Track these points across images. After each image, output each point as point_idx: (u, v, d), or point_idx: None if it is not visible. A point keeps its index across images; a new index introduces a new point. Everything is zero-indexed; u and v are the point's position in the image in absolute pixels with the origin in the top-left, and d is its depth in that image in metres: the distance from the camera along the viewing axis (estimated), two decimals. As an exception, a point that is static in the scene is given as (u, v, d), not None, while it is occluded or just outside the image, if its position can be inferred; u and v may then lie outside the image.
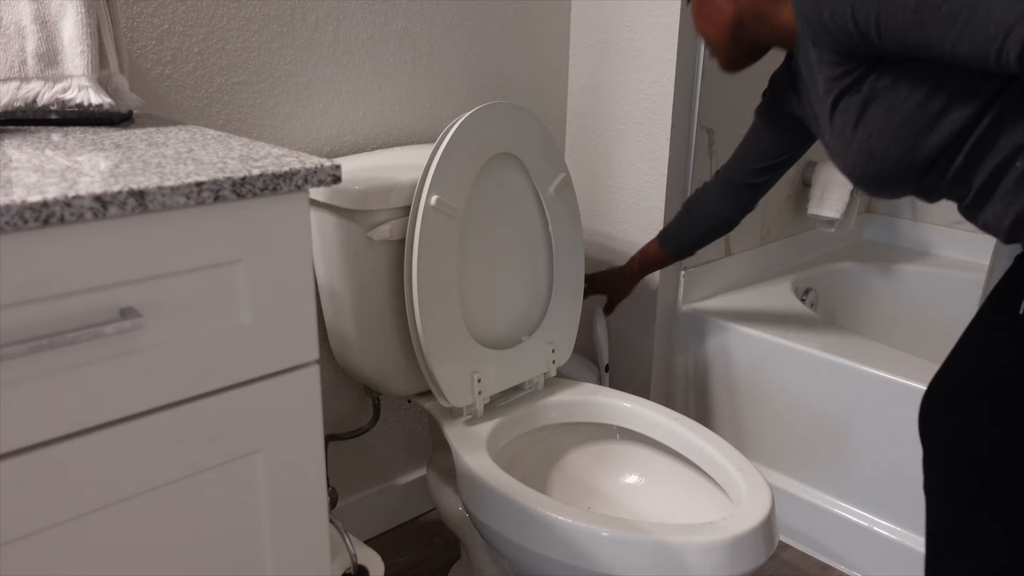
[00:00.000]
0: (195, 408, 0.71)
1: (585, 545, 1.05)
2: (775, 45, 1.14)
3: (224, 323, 0.72)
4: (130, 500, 0.70)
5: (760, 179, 1.34)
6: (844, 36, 0.94)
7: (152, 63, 1.15)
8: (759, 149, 1.32)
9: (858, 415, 1.49)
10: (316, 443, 0.81)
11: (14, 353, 0.59)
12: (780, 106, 1.26)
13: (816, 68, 1.04)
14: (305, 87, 1.32)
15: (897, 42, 0.90)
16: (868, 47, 0.94)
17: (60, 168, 0.68)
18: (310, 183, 0.73)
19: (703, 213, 1.41)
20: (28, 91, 0.86)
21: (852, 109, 1.01)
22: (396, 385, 1.32)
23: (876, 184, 1.05)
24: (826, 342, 1.56)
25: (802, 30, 1.02)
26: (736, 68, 1.18)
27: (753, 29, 1.12)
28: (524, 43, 1.63)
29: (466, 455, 1.20)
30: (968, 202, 1.01)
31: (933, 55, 0.89)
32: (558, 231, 1.38)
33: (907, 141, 0.97)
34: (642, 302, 1.70)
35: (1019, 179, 0.93)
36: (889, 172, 1.01)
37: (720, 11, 1.13)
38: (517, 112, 1.26)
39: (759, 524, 1.05)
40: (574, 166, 1.78)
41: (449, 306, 1.22)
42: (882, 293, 2.07)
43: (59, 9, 0.85)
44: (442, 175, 1.17)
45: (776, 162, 1.32)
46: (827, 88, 1.03)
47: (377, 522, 1.64)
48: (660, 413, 1.30)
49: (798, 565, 1.57)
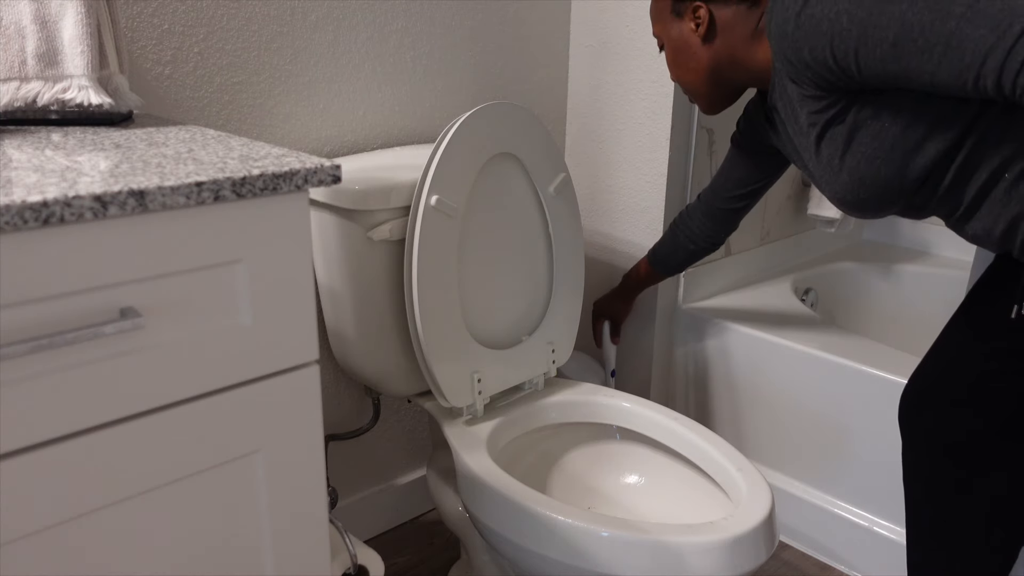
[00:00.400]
0: (195, 408, 0.71)
1: (585, 545, 1.05)
2: (752, 85, 1.16)
3: (224, 323, 0.72)
4: (130, 500, 0.70)
5: (739, 204, 1.39)
6: (825, 71, 0.96)
7: (152, 63, 1.15)
8: (736, 176, 1.37)
9: (858, 415, 1.49)
10: (316, 443, 0.81)
11: (14, 353, 0.59)
12: (756, 137, 1.28)
13: (797, 103, 1.05)
14: (305, 87, 1.32)
15: (877, 75, 0.92)
16: (849, 81, 0.95)
17: (60, 168, 0.68)
18: (310, 183, 0.73)
19: (688, 235, 1.46)
20: (28, 91, 0.86)
21: (838, 139, 1.03)
22: (396, 385, 1.32)
23: (866, 208, 1.07)
24: (826, 342, 1.56)
25: (781, 68, 1.03)
26: (717, 110, 1.21)
27: (729, 73, 1.14)
28: (524, 43, 1.63)
29: (466, 455, 1.20)
30: (959, 215, 1.02)
31: (913, 85, 0.90)
32: (558, 231, 1.38)
33: (896, 164, 0.99)
34: (642, 302, 1.70)
35: (1007, 190, 0.95)
36: (880, 195, 1.03)
37: (696, 58, 1.15)
38: (517, 112, 1.26)
39: (759, 524, 1.05)
40: (574, 166, 1.78)
41: (449, 306, 1.22)
42: (882, 293, 2.07)
43: (59, 9, 0.85)
44: (442, 175, 1.17)
45: (753, 188, 1.37)
46: (811, 121, 1.05)
47: (377, 522, 1.64)
48: (660, 413, 1.30)
49: (798, 565, 1.57)
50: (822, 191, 1.12)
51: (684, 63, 1.16)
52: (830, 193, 1.09)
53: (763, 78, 1.12)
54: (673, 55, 1.18)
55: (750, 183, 1.36)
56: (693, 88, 1.19)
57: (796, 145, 1.14)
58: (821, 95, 1.01)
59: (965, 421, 1.06)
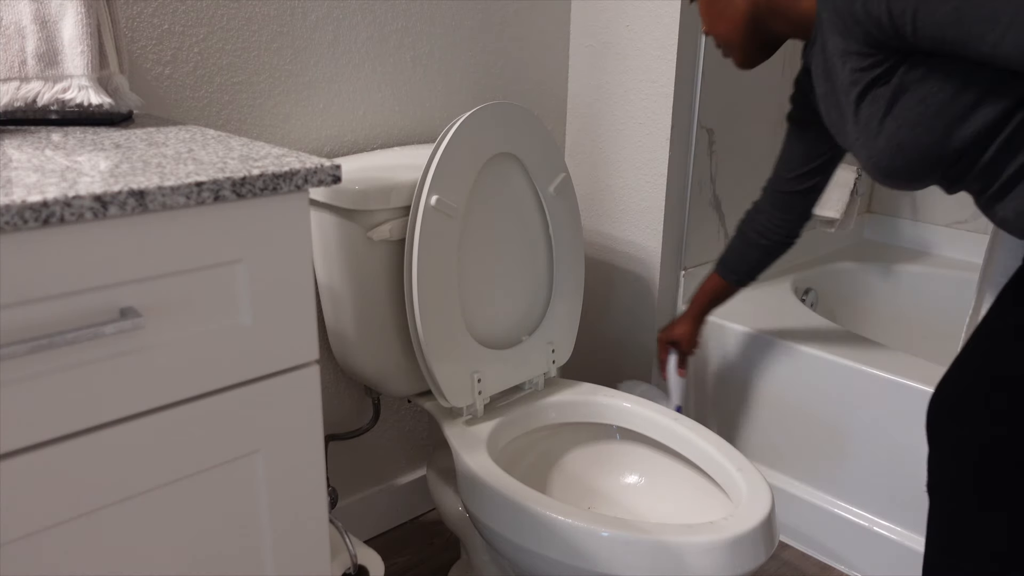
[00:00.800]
0: (195, 408, 0.71)
1: (585, 545, 1.05)
2: (792, 37, 1.09)
3: (224, 323, 0.72)
4: (130, 500, 0.70)
5: (808, 183, 1.29)
6: (876, 29, 0.92)
7: (152, 63, 1.15)
8: (799, 152, 1.28)
9: (858, 415, 1.48)
10: (316, 443, 0.81)
11: (14, 353, 0.59)
12: (809, 105, 1.22)
13: (840, 59, 1.00)
14: (305, 87, 1.32)
15: (932, 37, 0.88)
16: (900, 40, 0.91)
17: (60, 168, 0.68)
18: (310, 183, 0.73)
19: (760, 232, 1.35)
20: (28, 91, 0.86)
21: (881, 101, 0.98)
22: (396, 385, 1.32)
23: (901, 176, 1.02)
24: (826, 342, 1.55)
25: (829, 20, 0.99)
26: (753, 64, 1.15)
27: (768, 22, 1.08)
28: (524, 43, 1.63)
29: (466, 455, 1.20)
30: (991, 193, 0.98)
31: (968, 53, 0.87)
32: (558, 231, 1.38)
33: (938, 132, 0.95)
34: (642, 302, 1.70)
35: None
36: (917, 163, 0.98)
37: (733, 6, 1.09)
38: (517, 112, 1.26)
39: (759, 524, 1.05)
40: (574, 166, 1.78)
41: (449, 306, 1.22)
42: (882, 293, 2.07)
43: (59, 9, 0.85)
44: (442, 175, 1.17)
45: (820, 163, 1.27)
46: (853, 79, 1.00)
47: (377, 522, 1.64)
48: (660, 413, 1.30)
49: (798, 565, 1.57)
50: (855, 153, 1.06)
51: (720, 11, 1.10)
52: (864, 157, 1.03)
53: (805, 29, 1.05)
54: (707, 4, 1.11)
55: (815, 157, 1.26)
56: (728, 39, 1.12)
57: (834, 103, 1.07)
58: (868, 52, 0.96)
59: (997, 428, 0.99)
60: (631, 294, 1.72)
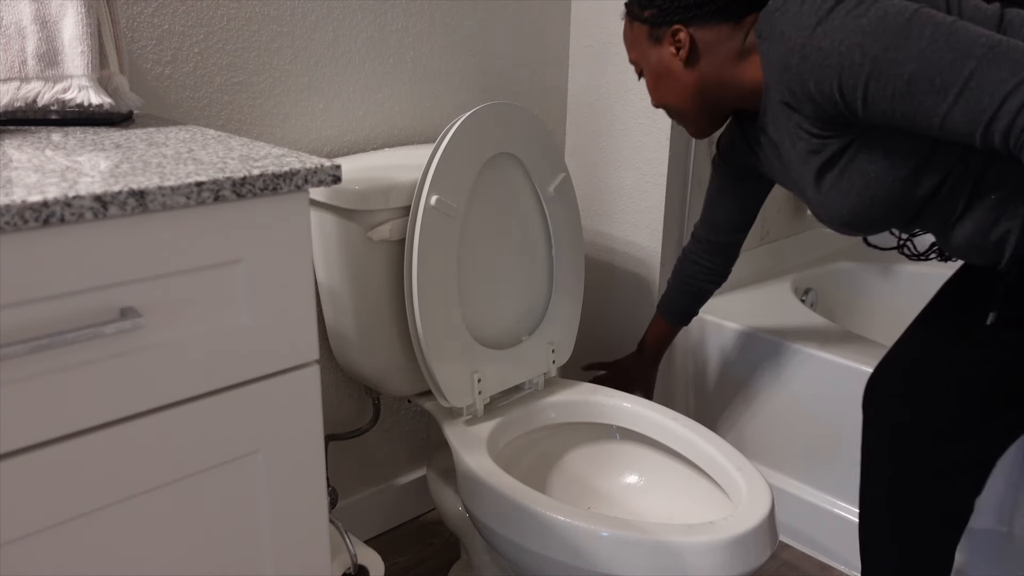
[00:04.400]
0: (195, 408, 0.71)
1: (585, 545, 1.05)
2: (742, 107, 1.12)
3: (224, 323, 0.72)
4: (130, 500, 0.70)
5: (742, 233, 1.36)
6: (828, 105, 0.94)
7: (152, 63, 1.15)
8: (736, 207, 1.33)
9: (858, 415, 1.48)
10: (316, 443, 0.81)
11: (14, 353, 0.59)
12: (743, 161, 1.25)
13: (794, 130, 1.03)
14: (305, 87, 1.32)
15: (882, 112, 0.90)
16: (850, 116, 0.93)
17: (60, 168, 0.68)
18: (310, 183, 0.73)
19: (696, 276, 1.40)
20: (28, 91, 0.86)
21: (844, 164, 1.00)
22: (396, 385, 1.32)
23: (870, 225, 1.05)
24: (826, 342, 1.55)
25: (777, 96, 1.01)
26: (706, 134, 1.18)
27: (717, 94, 1.11)
28: (524, 43, 1.63)
29: (466, 455, 1.20)
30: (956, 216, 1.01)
31: (918, 126, 0.89)
32: (558, 231, 1.38)
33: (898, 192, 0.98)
34: (642, 302, 1.70)
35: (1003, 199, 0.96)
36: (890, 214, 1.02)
37: (680, 82, 1.11)
38: (517, 112, 1.26)
39: (759, 524, 1.05)
40: (574, 166, 1.78)
41: (449, 306, 1.22)
42: (882, 293, 2.07)
43: (59, 9, 0.85)
44: (442, 175, 1.17)
45: (752, 213, 1.34)
46: (812, 148, 1.02)
47: (377, 522, 1.64)
48: (660, 413, 1.30)
49: (798, 565, 1.57)
50: (821, 214, 1.09)
51: (667, 88, 1.13)
52: (834, 216, 1.06)
53: (753, 98, 1.08)
54: (654, 81, 1.14)
55: (752, 208, 1.32)
56: (679, 112, 1.15)
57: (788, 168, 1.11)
58: (820, 127, 0.99)
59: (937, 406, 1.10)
60: (631, 294, 1.73)
